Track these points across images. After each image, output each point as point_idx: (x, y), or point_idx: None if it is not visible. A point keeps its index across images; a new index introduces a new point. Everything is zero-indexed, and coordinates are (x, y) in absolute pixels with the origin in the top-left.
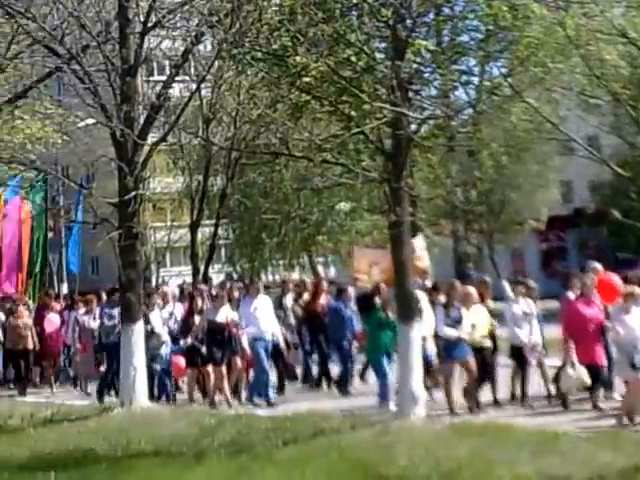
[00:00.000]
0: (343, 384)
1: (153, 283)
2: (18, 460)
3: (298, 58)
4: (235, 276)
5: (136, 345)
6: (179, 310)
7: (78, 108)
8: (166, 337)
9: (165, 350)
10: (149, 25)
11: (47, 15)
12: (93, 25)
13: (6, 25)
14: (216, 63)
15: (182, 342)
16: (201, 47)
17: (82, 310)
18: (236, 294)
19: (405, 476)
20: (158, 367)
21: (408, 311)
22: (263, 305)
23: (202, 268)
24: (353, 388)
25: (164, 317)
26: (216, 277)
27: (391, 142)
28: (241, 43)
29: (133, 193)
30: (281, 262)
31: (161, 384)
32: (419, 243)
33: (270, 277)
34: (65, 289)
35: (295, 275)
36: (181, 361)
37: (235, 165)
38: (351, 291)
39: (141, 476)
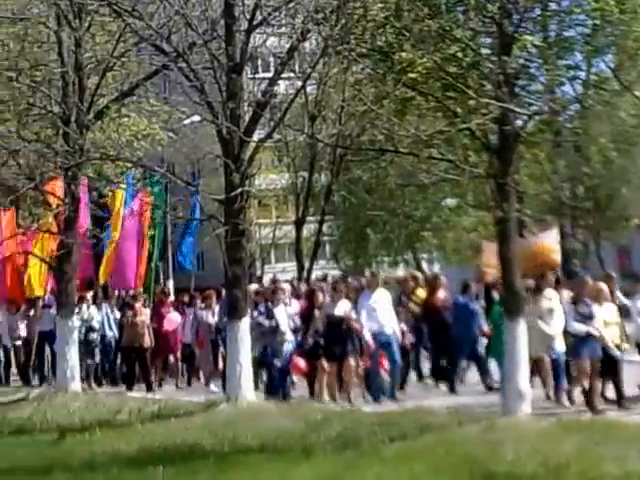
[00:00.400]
0: (453, 380)
1: (265, 280)
2: (126, 454)
3: (404, 54)
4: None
5: (242, 341)
6: (295, 306)
7: (184, 105)
8: (290, 335)
9: (287, 347)
10: (255, 23)
11: (154, 13)
12: (199, 23)
13: (113, 24)
14: (321, 60)
15: (305, 340)
16: (306, 44)
17: (200, 306)
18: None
19: (512, 472)
20: (278, 364)
21: (515, 307)
22: (382, 299)
23: (307, 265)
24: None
25: (289, 313)
26: (320, 274)
27: (497, 138)
28: (347, 40)
29: (239, 190)
30: (385, 259)
31: (279, 381)
32: (553, 236)
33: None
34: (171, 285)
35: (399, 272)
36: (301, 362)
37: (340, 162)
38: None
39: (248, 471)
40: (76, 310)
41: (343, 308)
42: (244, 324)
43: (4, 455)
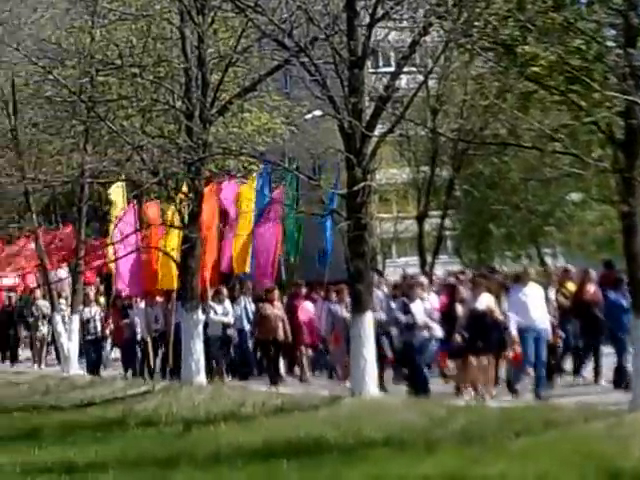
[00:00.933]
0: (622, 377)
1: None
2: (251, 447)
3: (527, 47)
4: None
5: (365, 335)
6: (434, 301)
7: (305, 100)
8: (439, 331)
9: (432, 344)
10: (377, 17)
11: (276, 9)
12: (321, 18)
13: (236, 19)
14: (443, 53)
15: (452, 336)
16: (428, 38)
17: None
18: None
19: None
20: (422, 359)
21: None
22: (534, 293)
23: (429, 259)
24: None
25: (427, 308)
26: (441, 268)
27: (622, 131)
28: (469, 33)
29: (361, 184)
30: (508, 253)
31: (423, 377)
32: None
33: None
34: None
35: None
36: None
37: (462, 156)
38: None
39: (372, 465)
40: (211, 304)
41: (485, 302)
42: (368, 318)
43: (131, 447)
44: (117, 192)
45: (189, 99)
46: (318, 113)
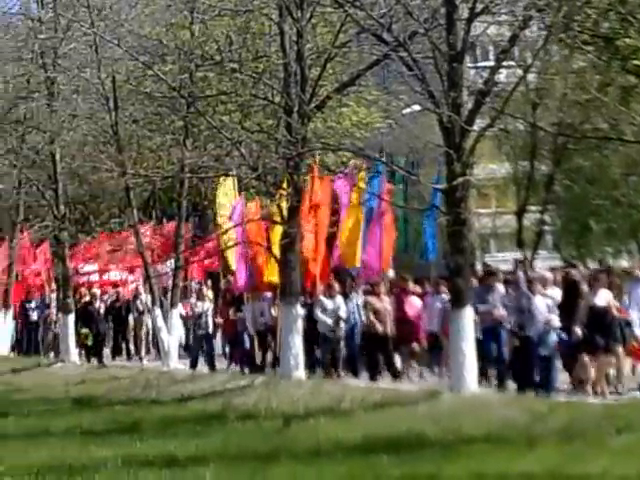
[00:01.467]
0: None
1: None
2: (350, 442)
3: (628, 40)
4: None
5: (465, 330)
6: (557, 295)
7: (403, 94)
8: (556, 322)
9: (551, 337)
10: (476, 11)
11: (374, 3)
12: (420, 12)
13: (334, 14)
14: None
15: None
16: (527, 32)
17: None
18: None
19: None
20: (544, 352)
21: None
22: None
23: (528, 254)
24: None
25: (548, 304)
26: (541, 264)
27: None
28: (569, 27)
29: (461, 179)
30: (608, 249)
31: (542, 370)
32: None
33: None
34: (391, 273)
35: (623, 262)
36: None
37: (562, 150)
38: None
39: (472, 461)
40: (322, 300)
41: (605, 298)
42: (467, 313)
43: (231, 441)
44: (227, 186)
45: (288, 94)
46: (417, 108)
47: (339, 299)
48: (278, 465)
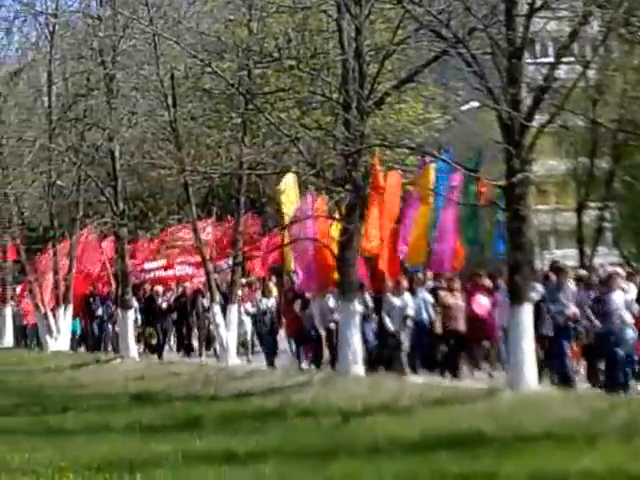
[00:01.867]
0: None
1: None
2: (409, 439)
3: None
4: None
5: (524, 327)
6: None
7: (462, 91)
8: (629, 319)
9: (631, 335)
10: (535, 7)
11: (433, 0)
12: (479, 8)
13: (392, 11)
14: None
15: None
16: (587, 27)
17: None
18: None
19: None
20: (622, 352)
21: None
22: None
23: (588, 251)
24: None
25: (627, 300)
26: (601, 260)
27: None
28: (630, 22)
29: (520, 176)
30: None
31: (619, 369)
32: None
33: None
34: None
35: None
36: None
37: (622, 146)
38: None
39: (531, 458)
40: (389, 298)
41: None
42: (526, 310)
43: (290, 438)
44: (289, 183)
45: (346, 91)
46: (475, 104)
47: (407, 296)
48: (337, 462)
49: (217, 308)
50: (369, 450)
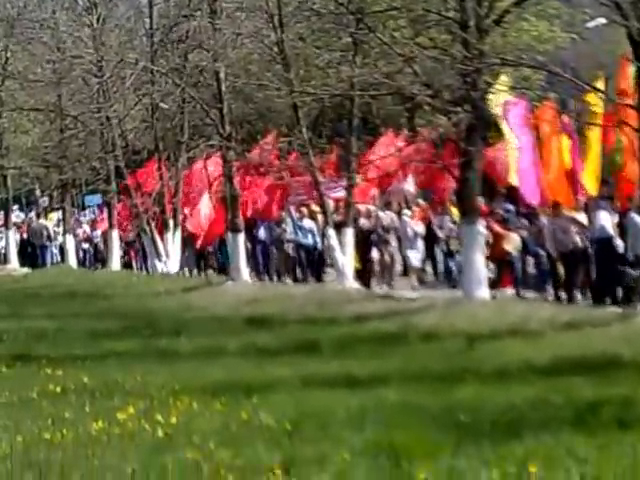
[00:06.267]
0: None
1: None
2: (539, 363)
3: None
4: None
5: None
6: None
7: (588, 7)
8: None
9: None
10: None
11: None
12: None
13: None
14: None
15: None
16: None
17: None
18: None
19: None
20: None
21: None
22: None
23: None
24: None
25: None
26: None
27: None
28: None
29: None
30: None
31: None
32: None
33: None
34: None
35: None
36: None
37: None
38: None
39: None
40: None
41: None
42: None
43: (413, 361)
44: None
45: (463, 8)
46: (603, 21)
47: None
48: (464, 386)
49: (332, 231)
50: (497, 375)
